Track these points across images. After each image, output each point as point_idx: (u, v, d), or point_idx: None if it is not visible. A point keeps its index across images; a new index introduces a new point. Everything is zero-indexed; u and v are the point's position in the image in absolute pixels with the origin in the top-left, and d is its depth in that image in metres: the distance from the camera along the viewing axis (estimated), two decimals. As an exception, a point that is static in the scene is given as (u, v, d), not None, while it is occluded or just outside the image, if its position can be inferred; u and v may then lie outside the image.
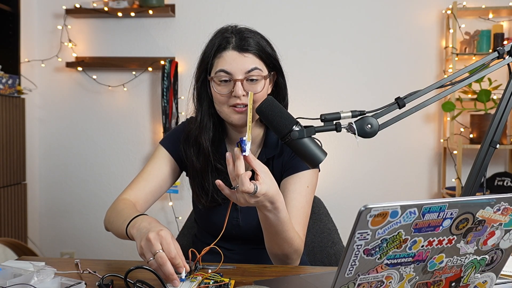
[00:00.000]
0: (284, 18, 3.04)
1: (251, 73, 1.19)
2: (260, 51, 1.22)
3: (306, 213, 1.27)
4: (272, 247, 1.18)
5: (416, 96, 1.00)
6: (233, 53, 1.20)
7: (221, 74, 1.20)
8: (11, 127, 2.64)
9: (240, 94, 1.18)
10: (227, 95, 1.20)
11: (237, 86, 1.18)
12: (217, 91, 1.21)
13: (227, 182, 1.07)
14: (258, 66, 1.21)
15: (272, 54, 1.25)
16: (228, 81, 1.20)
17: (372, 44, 3.01)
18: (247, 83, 1.20)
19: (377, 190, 3.04)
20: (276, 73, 1.28)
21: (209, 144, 1.27)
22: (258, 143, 1.33)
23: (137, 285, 0.92)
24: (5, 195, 2.58)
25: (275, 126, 1.01)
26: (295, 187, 1.27)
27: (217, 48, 1.21)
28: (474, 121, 2.83)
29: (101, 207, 3.17)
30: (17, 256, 1.95)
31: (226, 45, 1.21)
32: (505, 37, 2.84)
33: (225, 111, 1.22)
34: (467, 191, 1.03)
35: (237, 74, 1.19)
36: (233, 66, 1.19)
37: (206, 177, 1.29)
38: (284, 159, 1.31)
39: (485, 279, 0.81)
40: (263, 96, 1.22)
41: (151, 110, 3.12)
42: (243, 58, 1.20)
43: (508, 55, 1.01)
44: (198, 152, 1.29)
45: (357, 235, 0.66)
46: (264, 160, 1.30)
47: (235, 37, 1.21)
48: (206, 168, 1.29)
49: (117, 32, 3.11)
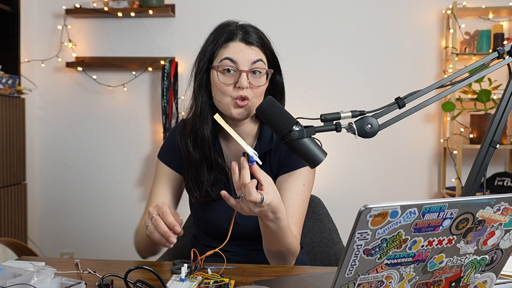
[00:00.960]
0: (284, 17, 3.04)
1: (256, 65, 1.20)
2: (264, 46, 1.24)
3: (302, 212, 1.27)
4: (269, 250, 1.20)
5: (416, 96, 1.00)
6: (240, 44, 1.21)
7: (226, 61, 1.20)
8: (11, 127, 2.64)
9: (245, 85, 1.18)
10: (230, 85, 1.20)
11: (242, 77, 1.18)
12: (221, 80, 1.20)
13: (221, 178, 1.15)
14: (262, 59, 1.22)
15: (273, 51, 1.28)
16: (232, 71, 1.20)
17: (372, 44, 3.01)
18: (251, 75, 1.20)
19: (377, 190, 3.04)
20: (275, 71, 1.29)
21: (210, 134, 1.26)
22: (253, 137, 1.33)
23: (137, 285, 0.92)
24: (5, 195, 2.58)
25: (275, 126, 1.01)
26: (291, 186, 1.27)
27: (224, 40, 1.22)
28: (474, 121, 2.83)
29: (101, 207, 3.18)
30: (17, 256, 1.95)
31: (233, 36, 1.22)
32: (505, 37, 2.84)
33: (226, 102, 1.21)
34: (467, 191, 1.03)
35: (242, 64, 1.19)
36: (239, 55, 1.20)
37: (202, 170, 1.29)
38: (281, 155, 1.31)
39: (485, 279, 0.81)
40: (262, 92, 1.23)
41: (151, 110, 3.12)
42: (250, 50, 1.21)
43: (508, 55, 1.01)
44: (195, 143, 1.28)
45: (357, 235, 0.66)
46: (259, 154, 1.30)
47: (241, 30, 1.23)
48: (201, 160, 1.28)
49: (117, 32, 3.11)
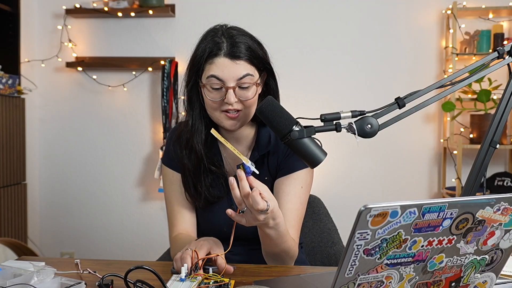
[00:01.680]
0: (283, 17, 3.03)
1: (243, 80, 1.19)
2: (252, 56, 1.21)
3: (300, 215, 1.28)
4: (268, 254, 1.22)
5: (416, 96, 1.00)
6: (225, 60, 1.18)
7: (212, 79, 1.19)
8: (11, 127, 2.64)
9: (232, 101, 1.18)
10: (219, 102, 1.20)
11: (229, 94, 1.18)
12: (209, 98, 1.21)
13: (219, 181, 1.23)
14: (250, 72, 1.20)
15: (263, 57, 1.25)
16: (220, 88, 1.19)
17: (372, 44, 3.01)
18: (239, 90, 1.20)
19: (377, 190, 3.04)
20: (267, 73, 1.28)
21: (202, 147, 1.28)
22: (250, 140, 1.34)
23: (137, 285, 0.92)
24: (5, 195, 2.58)
25: (275, 126, 1.01)
26: (289, 189, 1.27)
27: (208, 54, 1.20)
28: (474, 121, 2.83)
29: (101, 207, 3.18)
30: (17, 256, 1.95)
31: (218, 52, 1.19)
32: (505, 37, 2.84)
33: (217, 116, 1.23)
34: (467, 191, 1.03)
35: (228, 81, 1.18)
36: (225, 73, 1.18)
37: (199, 178, 1.30)
38: (279, 158, 1.31)
39: (485, 279, 0.81)
40: (254, 102, 1.23)
41: (151, 110, 3.12)
42: (235, 65, 1.18)
43: (508, 55, 1.01)
44: (190, 153, 1.30)
45: (357, 235, 0.66)
46: (257, 157, 1.30)
47: (226, 42, 1.20)
48: (198, 169, 1.30)
49: (117, 32, 3.11)
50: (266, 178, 1.32)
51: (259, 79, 1.24)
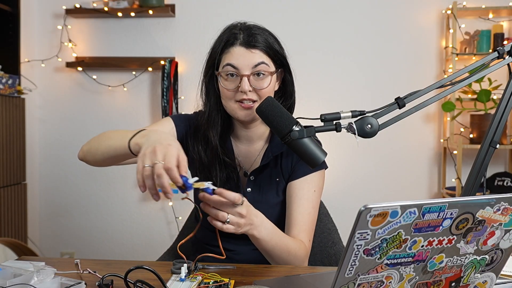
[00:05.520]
0: (284, 18, 3.03)
1: (258, 68, 1.21)
2: (268, 47, 1.23)
3: (312, 219, 1.27)
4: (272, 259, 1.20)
5: (416, 96, 1.00)
6: (241, 49, 1.21)
7: (228, 68, 1.21)
8: (11, 127, 2.64)
9: (247, 89, 1.19)
10: (233, 90, 1.21)
11: (244, 82, 1.19)
12: (224, 86, 1.22)
13: (233, 176, 1.25)
14: (265, 61, 1.22)
15: (279, 51, 1.27)
16: (235, 76, 1.21)
17: (372, 44, 3.01)
18: (254, 78, 1.21)
19: (377, 190, 3.04)
20: (284, 70, 1.29)
21: (218, 138, 1.28)
22: (264, 140, 1.34)
23: (137, 285, 0.92)
24: (5, 195, 2.58)
25: (275, 126, 1.02)
26: (302, 193, 1.27)
27: (224, 44, 1.23)
28: (474, 121, 2.83)
29: (101, 207, 3.18)
30: (17, 256, 1.95)
31: (234, 41, 1.22)
32: (505, 37, 2.84)
33: (231, 106, 1.23)
34: (467, 191, 1.03)
35: (243, 69, 1.20)
36: (240, 61, 1.20)
37: (214, 171, 1.30)
38: (293, 161, 1.31)
39: (485, 279, 0.81)
40: (269, 92, 1.23)
41: (151, 110, 3.12)
42: (250, 54, 1.21)
43: (508, 55, 1.01)
44: (206, 146, 1.30)
45: (357, 235, 0.66)
46: (271, 157, 1.30)
47: (243, 33, 1.23)
48: (214, 161, 1.30)
49: (117, 32, 3.11)
50: (278, 179, 1.32)
51: (275, 72, 1.25)
